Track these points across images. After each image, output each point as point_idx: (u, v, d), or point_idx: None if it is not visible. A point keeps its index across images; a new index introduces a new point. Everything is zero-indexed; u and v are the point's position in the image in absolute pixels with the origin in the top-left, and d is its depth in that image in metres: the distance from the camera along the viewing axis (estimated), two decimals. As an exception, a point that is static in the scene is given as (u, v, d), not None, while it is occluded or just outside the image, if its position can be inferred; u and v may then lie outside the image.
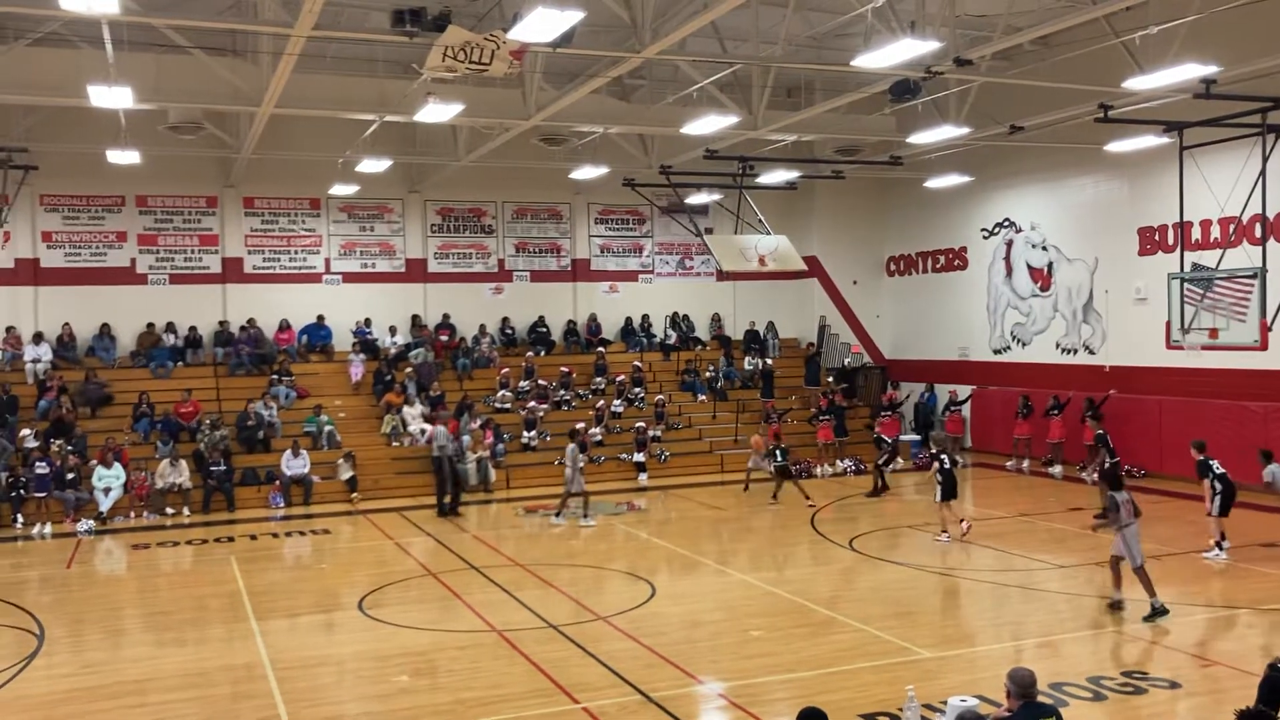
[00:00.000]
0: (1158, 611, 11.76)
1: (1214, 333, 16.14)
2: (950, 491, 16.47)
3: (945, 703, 8.41)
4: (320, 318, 26.12)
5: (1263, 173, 15.09)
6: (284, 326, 25.71)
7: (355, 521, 19.98)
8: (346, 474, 22.00)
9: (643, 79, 21.53)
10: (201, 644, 12.06)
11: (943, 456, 16.59)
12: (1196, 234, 20.39)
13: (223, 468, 21.34)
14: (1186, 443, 20.13)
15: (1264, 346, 15.63)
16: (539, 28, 11.80)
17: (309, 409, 23.78)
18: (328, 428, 23.31)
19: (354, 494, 21.74)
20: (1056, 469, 22.83)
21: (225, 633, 12.47)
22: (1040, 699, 7.25)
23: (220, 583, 15.11)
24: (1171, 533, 16.23)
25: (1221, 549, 14.73)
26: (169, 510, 20.71)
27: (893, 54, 14.02)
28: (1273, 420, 19.34)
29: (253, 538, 18.62)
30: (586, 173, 24.27)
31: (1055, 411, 23.01)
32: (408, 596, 14.14)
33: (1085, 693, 9.59)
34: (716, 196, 25.53)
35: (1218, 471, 14.79)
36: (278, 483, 21.67)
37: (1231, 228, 19.12)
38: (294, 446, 21.90)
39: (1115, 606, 12.17)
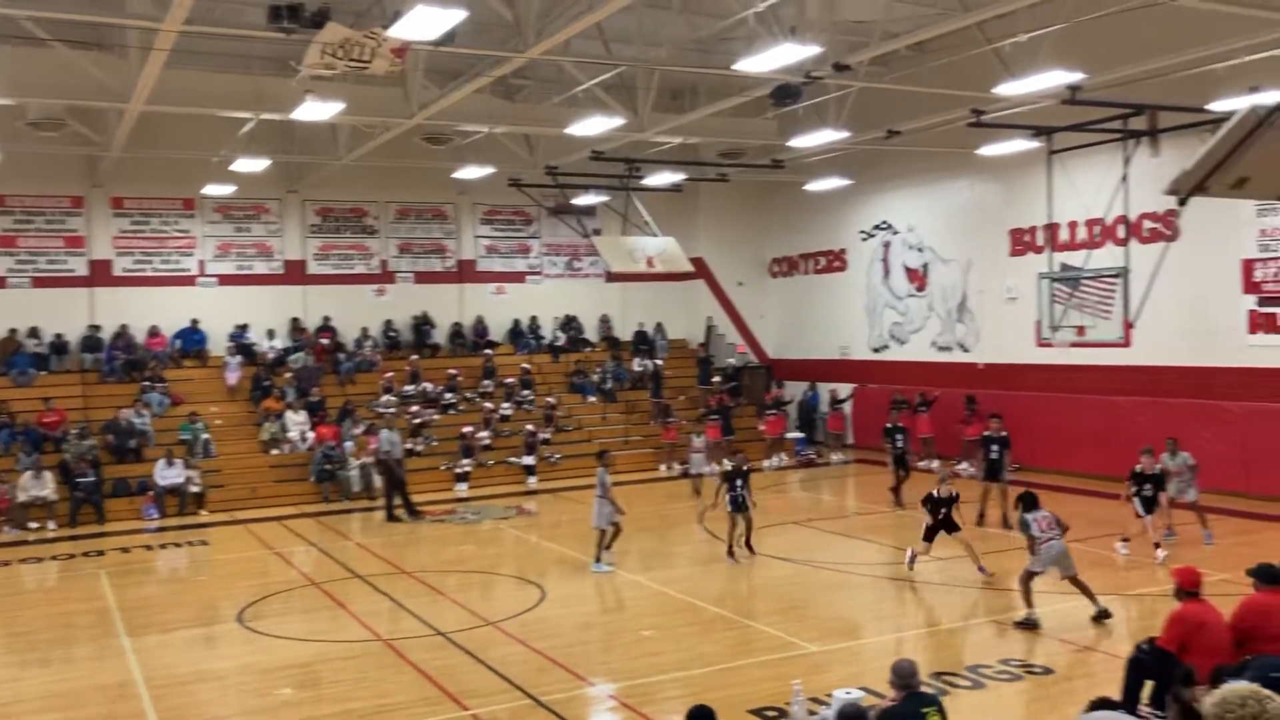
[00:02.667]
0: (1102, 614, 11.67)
1: (1081, 330, 16.78)
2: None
3: (831, 695, 8.55)
4: (195, 322, 25.26)
5: (1125, 176, 15.75)
6: (155, 332, 24.82)
7: (234, 532, 19.40)
8: (195, 489, 21.33)
9: (527, 79, 21.41)
10: (68, 663, 11.55)
11: (931, 493, 14.57)
12: (1064, 235, 21.21)
13: (91, 479, 20.47)
14: (1058, 437, 21.03)
15: (1128, 343, 16.33)
16: (420, 26, 11.63)
17: (183, 416, 23.00)
18: (204, 435, 22.57)
19: (201, 509, 21.10)
20: (934, 464, 23.48)
21: (95, 650, 11.96)
22: (923, 689, 7.44)
23: (89, 599, 14.50)
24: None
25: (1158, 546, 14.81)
26: (32, 525, 19.78)
27: (774, 58, 14.25)
28: (1138, 413, 20.24)
29: (124, 551, 17.92)
30: (471, 173, 24.02)
31: (923, 408, 23.66)
32: (290, 607, 13.78)
33: (965, 681, 9.86)
34: (603, 198, 25.54)
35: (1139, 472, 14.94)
36: (151, 493, 20.90)
37: (1097, 229, 19.93)
38: (168, 455, 21.15)
39: (1024, 625, 11.63)
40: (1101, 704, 5.66)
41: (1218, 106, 14.88)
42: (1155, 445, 15.91)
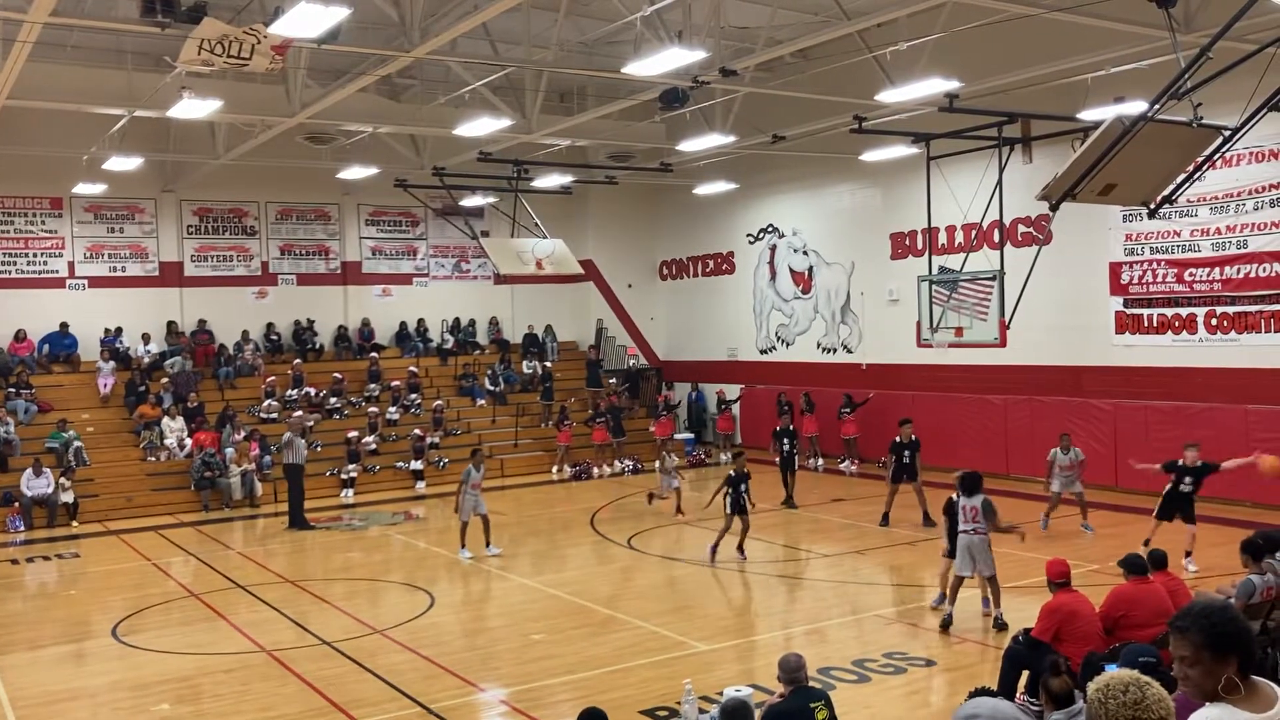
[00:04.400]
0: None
1: (959, 331, 17.24)
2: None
3: (721, 693, 8.64)
4: (64, 325, 24.25)
5: (999, 182, 16.25)
6: (21, 336, 23.76)
7: (108, 543, 18.68)
8: (68, 498, 20.48)
9: (413, 79, 21.13)
10: (-72, 685, 10.97)
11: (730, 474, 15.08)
12: (943, 239, 21.84)
13: (-48, 490, 19.51)
14: (938, 436, 21.59)
15: (1003, 344, 16.86)
16: (302, 23, 11.38)
17: (52, 424, 22.06)
18: (75, 444, 21.68)
19: (73, 520, 20.29)
20: (819, 462, 23.97)
21: (-43, 671, 11.39)
22: (811, 684, 7.57)
23: (-50, 617, 13.80)
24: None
25: None
26: (-112, 540, 18.79)
27: (661, 62, 14.36)
28: (1011, 411, 20.98)
29: (-11, 565, 17.12)
30: (356, 173, 23.61)
31: (848, 410, 24.03)
32: (168, 620, 13.33)
33: (851, 675, 10.07)
34: (492, 199, 25.37)
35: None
36: (17, 505, 19.99)
37: (973, 233, 20.54)
38: (35, 465, 20.26)
39: (943, 625, 11.49)
40: (980, 693, 5.84)
41: (1086, 115, 15.51)
42: (1048, 441, 16.66)
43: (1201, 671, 3.29)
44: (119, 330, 24.75)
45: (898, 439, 17.34)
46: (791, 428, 20.82)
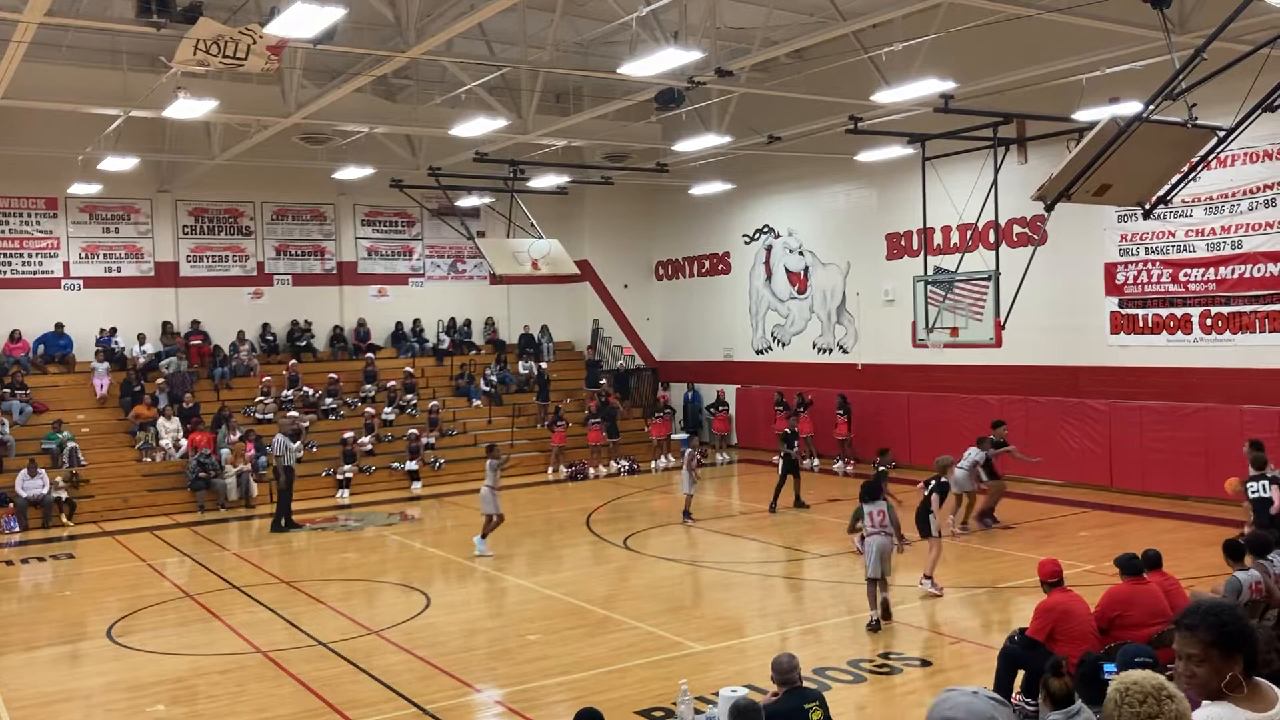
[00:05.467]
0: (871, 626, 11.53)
1: (955, 331, 17.25)
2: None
3: (717, 694, 8.64)
4: (59, 326, 24.22)
5: (995, 183, 16.27)
6: (16, 336, 23.72)
7: (103, 544, 18.65)
8: (61, 494, 20.50)
9: (409, 79, 21.13)
10: (-77, 686, 10.95)
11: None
12: (938, 239, 21.86)
13: (-54, 491, 19.48)
14: (933, 435, 21.60)
15: (999, 344, 16.88)
16: (298, 23, 11.37)
17: (48, 424, 22.03)
18: (70, 444, 21.66)
19: (68, 519, 20.26)
20: (814, 462, 23.96)
21: (-49, 672, 11.37)
22: (805, 684, 7.58)
23: (-55, 618, 13.78)
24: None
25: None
26: (-118, 540, 18.75)
27: (657, 63, 14.37)
28: (1006, 411, 20.96)
29: (-17, 566, 17.10)
30: (351, 173, 23.59)
31: (802, 409, 24.11)
32: (163, 621, 13.31)
33: (846, 675, 10.08)
34: (488, 200, 25.36)
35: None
36: (12, 505, 19.95)
37: (969, 233, 20.55)
38: (31, 465, 20.22)
39: (870, 626, 11.62)
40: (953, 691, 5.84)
41: (1081, 116, 15.52)
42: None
43: (1209, 670, 3.30)
44: (114, 330, 24.72)
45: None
46: (797, 429, 20.79)
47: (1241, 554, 9.02)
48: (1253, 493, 12.79)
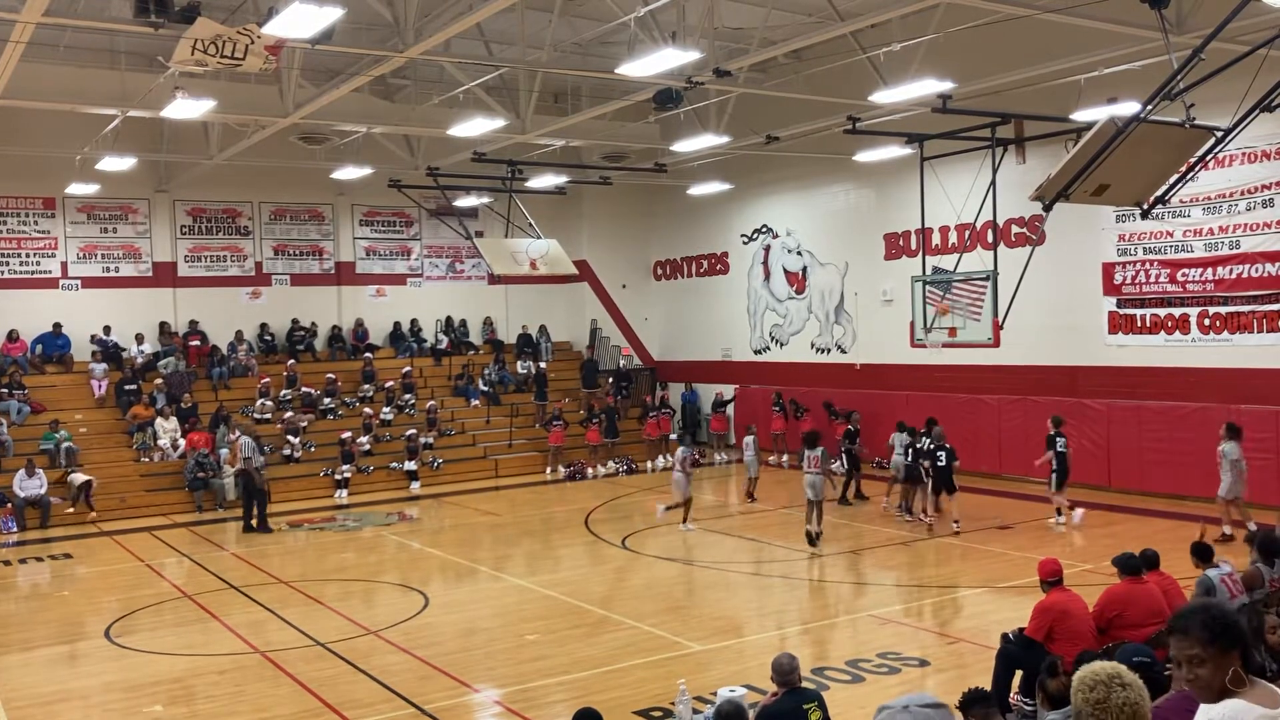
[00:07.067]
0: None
1: (953, 332, 17.24)
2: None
3: (715, 694, 8.64)
4: (57, 326, 24.21)
5: (993, 183, 16.26)
6: (14, 336, 23.70)
7: (101, 544, 18.64)
8: (79, 480, 20.51)
9: (407, 79, 21.12)
10: (-80, 687, 10.94)
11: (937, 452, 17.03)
12: (936, 239, 21.87)
13: (-56, 491, 19.45)
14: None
15: (997, 344, 16.87)
16: (296, 23, 11.36)
17: (45, 424, 22.02)
18: (66, 444, 21.64)
19: (86, 510, 20.30)
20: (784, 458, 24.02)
21: (-51, 672, 11.36)
22: (804, 684, 7.58)
23: (-57, 618, 13.76)
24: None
25: (1060, 516, 16.65)
26: (-120, 541, 18.72)
27: (655, 63, 14.36)
28: (1005, 411, 21.01)
29: (-19, 567, 17.08)
30: (349, 173, 23.58)
31: (721, 408, 23.99)
32: (161, 621, 13.30)
33: (845, 675, 10.08)
34: (486, 200, 25.34)
35: (1059, 450, 16.74)
36: (10, 505, 19.94)
37: (967, 233, 20.55)
38: (28, 465, 20.21)
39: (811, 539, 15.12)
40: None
41: (1079, 116, 15.52)
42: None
43: (1211, 668, 3.30)
44: (110, 330, 24.69)
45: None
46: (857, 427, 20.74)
47: (1210, 555, 9.16)
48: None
